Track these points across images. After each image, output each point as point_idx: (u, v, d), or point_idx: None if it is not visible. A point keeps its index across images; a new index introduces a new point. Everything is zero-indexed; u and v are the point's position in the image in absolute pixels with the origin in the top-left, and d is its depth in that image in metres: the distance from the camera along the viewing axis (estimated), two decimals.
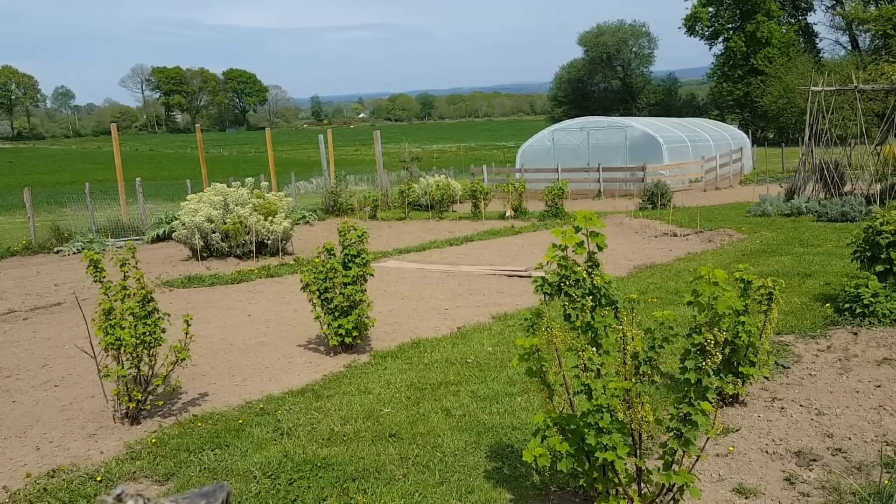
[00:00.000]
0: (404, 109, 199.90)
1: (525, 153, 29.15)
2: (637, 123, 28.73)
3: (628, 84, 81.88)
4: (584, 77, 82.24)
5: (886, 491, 3.98)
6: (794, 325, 7.64)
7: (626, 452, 3.70)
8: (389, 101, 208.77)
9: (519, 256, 13.22)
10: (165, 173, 53.05)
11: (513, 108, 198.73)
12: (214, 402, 6.31)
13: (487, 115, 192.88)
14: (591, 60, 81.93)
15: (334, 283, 7.28)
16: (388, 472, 4.74)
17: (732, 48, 60.17)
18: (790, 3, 62.53)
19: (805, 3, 63.03)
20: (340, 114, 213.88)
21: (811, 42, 62.90)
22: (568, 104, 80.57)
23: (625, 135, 27.27)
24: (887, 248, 7.81)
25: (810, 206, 16.84)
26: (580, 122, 29.72)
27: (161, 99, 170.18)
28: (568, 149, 27.81)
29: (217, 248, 14.15)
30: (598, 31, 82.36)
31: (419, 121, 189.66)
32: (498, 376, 6.51)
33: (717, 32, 62.64)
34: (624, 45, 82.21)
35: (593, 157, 26.89)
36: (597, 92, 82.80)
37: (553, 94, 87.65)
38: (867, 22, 54.61)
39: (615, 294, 3.98)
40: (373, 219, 20.14)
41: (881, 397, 5.66)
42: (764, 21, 58.37)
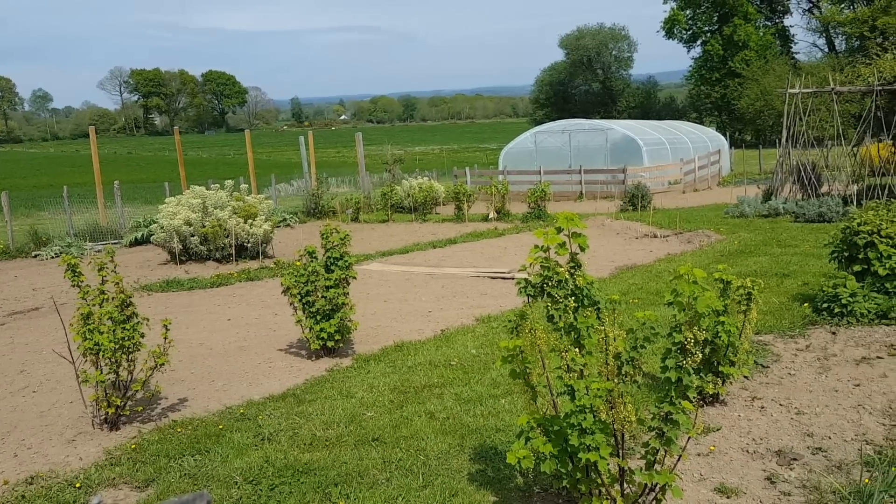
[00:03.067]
0: (386, 111, 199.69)
1: (508, 155, 29.23)
2: (617, 126, 28.92)
3: (608, 87, 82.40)
4: (565, 80, 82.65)
5: (867, 490, 4.02)
6: (772, 325, 7.70)
7: (609, 453, 3.70)
8: (371, 103, 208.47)
9: (502, 258, 13.24)
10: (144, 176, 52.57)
11: (495, 110, 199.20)
12: (194, 407, 6.25)
13: (470, 117, 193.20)
14: (571, 63, 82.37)
15: (316, 286, 7.24)
16: (370, 477, 4.72)
17: (710, 51, 60.80)
18: (767, 6, 63.28)
19: (782, 6, 63.82)
20: (321, 115, 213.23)
21: (788, 45, 63.70)
22: (549, 107, 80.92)
23: (605, 137, 27.43)
24: (864, 249, 7.90)
25: (788, 207, 17.02)
26: (562, 124, 29.87)
27: (139, 101, 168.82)
28: (550, 151, 27.92)
29: (196, 251, 14.03)
30: (579, 33, 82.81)
31: (401, 123, 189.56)
32: (482, 378, 6.50)
33: (695, 35, 63.26)
34: (604, 48, 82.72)
35: (575, 159, 27.01)
36: (578, 94, 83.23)
37: (535, 97, 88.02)
38: (843, 24, 55.34)
39: (597, 295, 3.99)
40: (355, 221, 20.08)
41: (860, 396, 5.72)
42: (741, 24, 59.03)
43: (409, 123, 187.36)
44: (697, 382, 3.67)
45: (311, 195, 21.45)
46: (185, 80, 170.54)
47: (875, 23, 50.94)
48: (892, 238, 7.78)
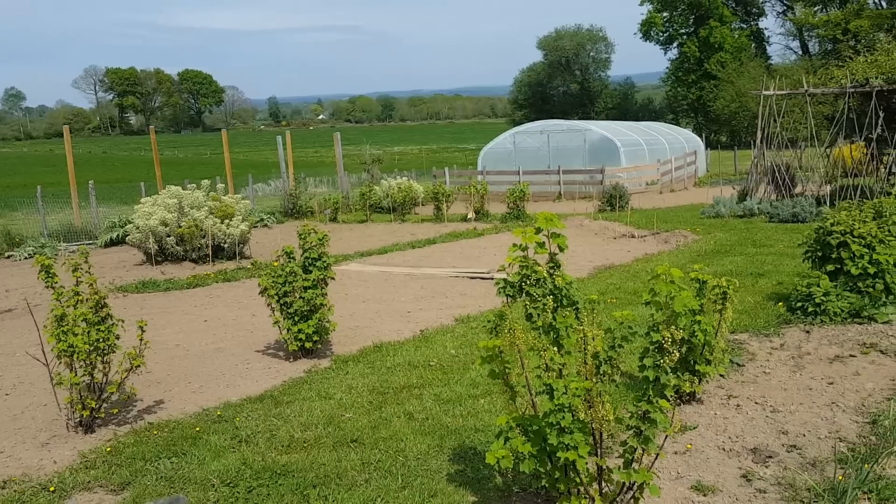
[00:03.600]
0: (365, 111, 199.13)
1: (487, 156, 29.28)
2: (595, 127, 29.09)
3: (587, 88, 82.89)
4: (543, 81, 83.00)
5: (840, 487, 4.08)
6: (748, 324, 7.79)
7: (588, 452, 3.72)
8: (349, 103, 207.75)
9: (481, 258, 13.26)
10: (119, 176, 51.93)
11: (474, 110, 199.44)
12: (171, 409, 6.19)
13: (449, 117, 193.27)
14: (550, 64, 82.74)
15: (294, 287, 7.19)
16: (349, 478, 4.70)
17: (686, 53, 61.38)
18: (742, 9, 64.03)
19: (756, 9, 64.63)
20: (299, 115, 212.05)
21: (762, 47, 64.53)
22: (528, 107, 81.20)
23: (584, 138, 27.58)
24: (838, 248, 8.02)
25: (762, 207, 17.23)
26: (540, 125, 29.98)
27: (115, 100, 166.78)
28: (529, 151, 28.02)
29: (172, 252, 13.89)
30: (557, 35, 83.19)
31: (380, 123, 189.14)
32: (461, 379, 6.50)
33: (672, 38, 63.83)
34: (582, 50, 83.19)
35: (553, 159, 27.13)
36: (556, 95, 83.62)
37: (514, 98, 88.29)
38: (816, 27, 56.18)
39: (576, 295, 4.01)
40: (333, 221, 20.00)
41: (834, 394, 5.81)
42: (717, 26, 59.67)
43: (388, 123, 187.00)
44: (674, 381, 3.70)
45: (289, 195, 21.33)
46: (162, 79, 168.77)
47: (847, 25, 51.75)
48: (864, 238, 7.90)
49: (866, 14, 52.18)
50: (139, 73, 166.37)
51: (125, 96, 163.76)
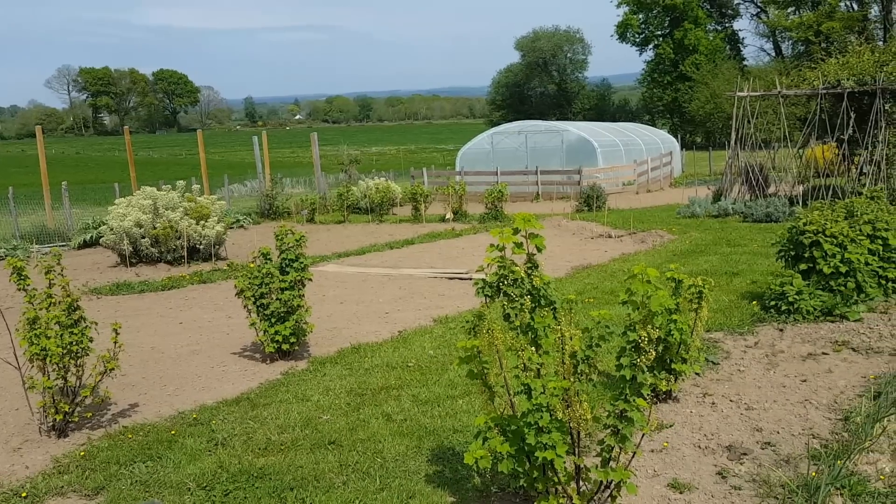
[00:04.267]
0: (342, 111, 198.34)
1: (465, 156, 29.31)
2: (573, 128, 29.25)
3: (564, 89, 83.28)
4: (521, 81, 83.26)
5: (814, 483, 4.14)
6: (722, 323, 7.87)
7: (566, 451, 3.74)
8: (326, 103, 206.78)
9: (460, 259, 13.27)
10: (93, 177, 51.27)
11: (452, 111, 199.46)
12: (145, 412, 6.12)
13: (427, 117, 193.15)
14: (527, 65, 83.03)
15: (271, 288, 7.14)
16: (327, 480, 4.68)
17: (662, 55, 61.91)
18: (717, 11, 64.73)
19: (731, 11, 65.38)
20: (275, 115, 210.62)
21: (737, 49, 65.27)
22: (506, 108, 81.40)
23: (561, 139, 27.70)
24: (810, 248, 8.14)
25: (737, 207, 17.43)
26: (518, 125, 30.07)
27: (88, 100, 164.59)
28: (507, 152, 28.09)
29: (147, 253, 13.74)
30: (535, 36, 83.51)
31: (357, 123, 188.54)
32: (439, 379, 6.50)
33: (648, 39, 64.33)
34: (559, 51, 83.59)
35: (531, 160, 27.22)
36: (534, 96, 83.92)
37: (491, 98, 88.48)
38: (790, 29, 56.97)
39: (554, 294, 4.02)
40: (311, 222, 19.89)
41: (807, 391, 5.89)
42: (691, 28, 60.25)
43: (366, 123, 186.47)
44: (651, 380, 3.72)
45: (266, 196, 21.18)
46: (136, 78, 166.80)
47: (820, 28, 52.56)
48: (836, 237, 8.02)
49: (838, 16, 53.04)
50: (113, 73, 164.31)
51: (99, 96, 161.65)
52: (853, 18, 53.79)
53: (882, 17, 54.96)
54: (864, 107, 17.71)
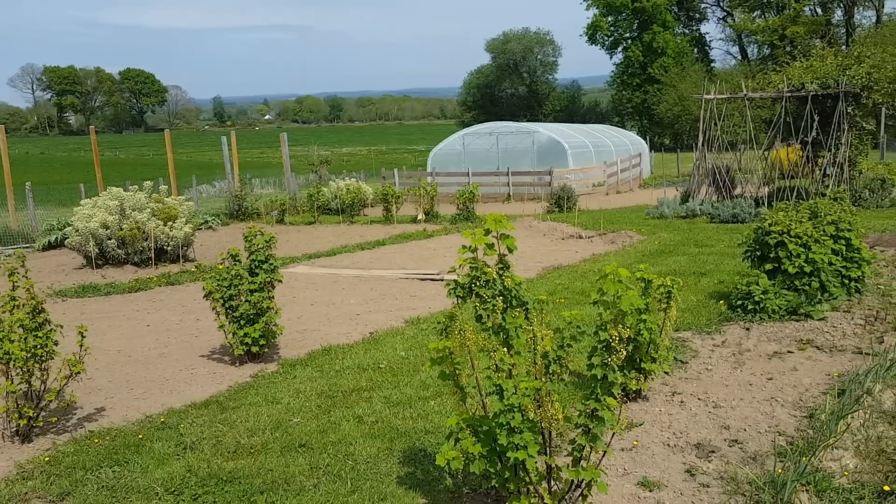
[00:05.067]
0: (312, 112, 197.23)
1: (436, 157, 29.32)
2: (543, 129, 29.41)
3: (534, 90, 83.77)
4: (492, 83, 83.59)
5: (780, 480, 4.20)
6: (691, 322, 7.97)
7: (537, 451, 3.75)
8: (296, 103, 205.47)
9: (431, 260, 13.26)
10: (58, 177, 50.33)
11: (423, 111, 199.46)
12: (112, 416, 6.02)
13: (398, 118, 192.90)
14: (498, 67, 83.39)
15: (240, 290, 7.07)
16: (297, 484, 4.64)
17: (631, 57, 62.61)
18: (684, 15, 65.63)
19: (698, 14, 66.34)
20: (245, 115, 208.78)
21: (704, 52, 66.26)
22: (477, 109, 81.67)
23: (532, 140, 27.85)
24: (775, 248, 8.27)
25: (704, 208, 17.67)
26: (489, 126, 30.16)
27: (53, 100, 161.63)
28: (478, 153, 28.15)
29: (113, 255, 13.53)
30: (505, 38, 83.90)
31: (328, 123, 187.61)
32: (411, 381, 6.49)
33: (617, 42, 65.01)
34: (530, 53, 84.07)
35: (502, 161, 27.32)
36: (504, 97, 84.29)
37: (463, 99, 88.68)
38: (755, 33, 57.98)
39: (525, 295, 4.04)
40: (280, 223, 19.74)
41: (773, 389, 5.98)
42: (660, 31, 61.02)
43: (336, 124, 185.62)
44: (622, 379, 3.75)
45: (234, 197, 20.97)
46: (102, 78, 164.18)
47: (785, 31, 53.57)
48: (800, 238, 8.17)
49: (802, 21, 54.12)
50: (79, 72, 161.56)
51: (64, 95, 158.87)
52: (817, 23, 54.93)
53: (845, 21, 56.22)
54: (827, 110, 18.07)
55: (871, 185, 17.73)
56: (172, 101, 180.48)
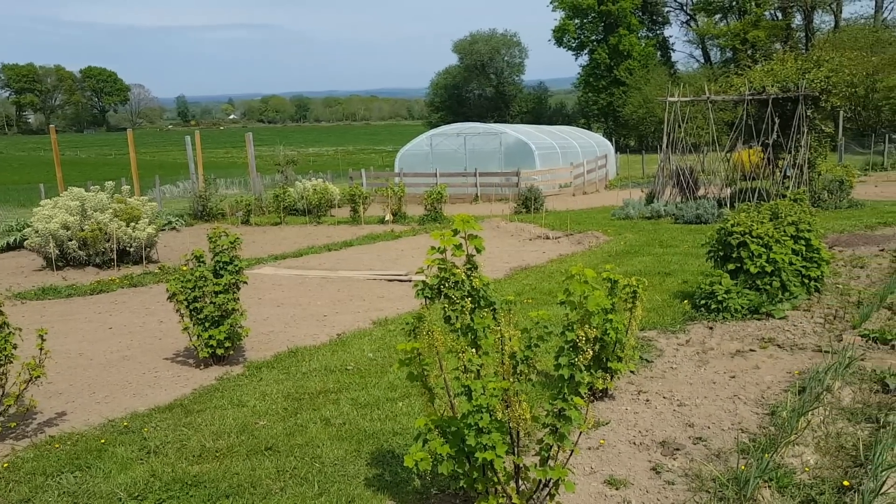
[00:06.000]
0: (278, 111, 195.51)
1: (404, 158, 29.26)
2: (511, 130, 29.54)
3: (502, 91, 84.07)
4: (459, 84, 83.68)
5: (743, 476, 4.27)
6: (656, 322, 8.07)
7: (505, 451, 3.76)
8: (262, 103, 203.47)
9: (399, 260, 13.24)
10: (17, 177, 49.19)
11: (391, 112, 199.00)
12: (73, 421, 5.90)
13: (365, 118, 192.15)
14: (466, 68, 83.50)
15: (204, 291, 6.98)
16: (264, 487, 4.59)
17: (597, 59, 63.15)
18: (648, 18, 66.41)
19: (662, 18, 67.18)
20: (209, 115, 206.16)
21: (667, 55, 67.13)
22: (445, 110, 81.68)
23: (500, 141, 27.95)
24: (737, 248, 8.42)
25: (668, 209, 17.91)
26: (457, 127, 30.18)
27: (11, 98, 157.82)
28: (446, 154, 28.17)
29: (74, 256, 13.26)
30: (472, 39, 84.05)
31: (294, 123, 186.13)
32: (379, 382, 6.47)
33: (583, 44, 65.52)
34: (497, 54, 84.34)
35: (470, 162, 27.37)
36: (472, 98, 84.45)
37: (430, 100, 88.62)
38: (718, 37, 58.95)
39: (493, 296, 4.05)
40: (246, 224, 19.53)
41: (735, 387, 6.08)
42: (625, 34, 61.66)
43: (303, 124, 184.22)
44: (588, 379, 3.78)
45: (199, 197, 20.69)
46: (63, 76, 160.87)
47: (746, 36, 54.55)
48: (762, 238, 8.33)
49: (763, 25, 55.17)
50: (38, 70, 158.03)
51: (23, 94, 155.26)
52: (777, 27, 56.04)
53: (804, 25, 57.44)
54: (787, 113, 18.44)
55: (830, 186, 18.14)
56: (135, 100, 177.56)
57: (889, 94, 39.06)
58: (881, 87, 40.24)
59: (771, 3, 55.69)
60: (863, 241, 12.91)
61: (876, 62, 40.83)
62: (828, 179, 18.36)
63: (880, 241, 12.81)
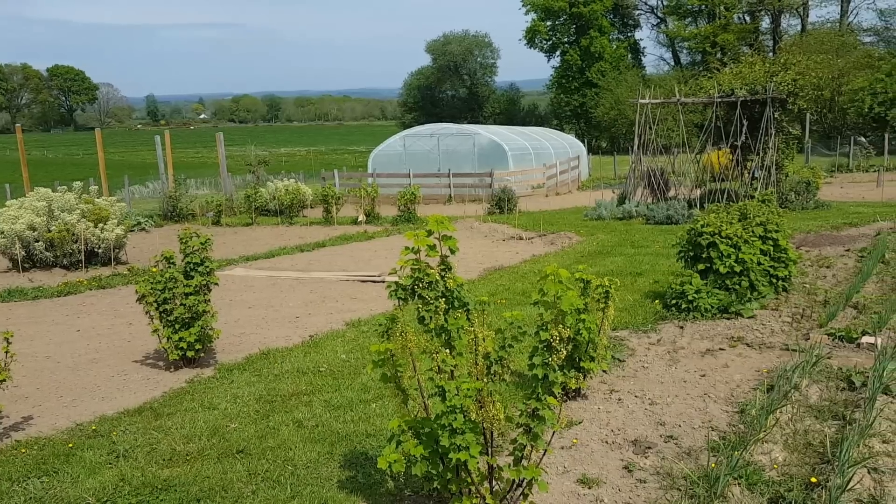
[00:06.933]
0: (249, 111, 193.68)
1: (377, 158, 29.18)
2: (484, 131, 29.61)
3: (475, 93, 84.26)
4: (432, 84, 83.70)
5: (713, 474, 4.32)
6: (628, 321, 8.14)
7: (479, 451, 3.76)
8: (233, 102, 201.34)
9: (372, 261, 13.19)
10: None
11: (364, 112, 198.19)
12: (40, 425, 5.78)
13: (338, 118, 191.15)
14: (439, 68, 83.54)
15: (174, 293, 6.89)
16: (235, 490, 4.55)
17: (569, 61, 63.56)
18: (620, 21, 67.02)
19: (633, 21, 67.84)
20: (179, 114, 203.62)
21: (639, 57, 67.81)
22: (418, 110, 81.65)
23: (473, 142, 28.01)
24: (707, 248, 8.53)
25: (640, 210, 18.09)
26: (430, 128, 30.18)
27: None
28: (419, 154, 28.15)
29: (41, 258, 13.02)
30: (445, 39, 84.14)
31: (266, 123, 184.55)
32: (352, 384, 6.44)
33: (555, 46, 65.91)
34: (469, 55, 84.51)
35: (444, 163, 27.38)
36: (445, 99, 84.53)
37: (403, 100, 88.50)
38: (688, 40, 59.71)
39: (467, 296, 4.05)
40: (217, 225, 19.33)
41: (706, 386, 6.16)
42: (597, 36, 62.16)
43: (274, 124, 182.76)
44: (562, 378, 3.80)
45: (169, 197, 20.43)
46: (29, 74, 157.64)
47: (716, 39, 55.33)
48: (731, 239, 8.44)
49: (732, 28, 56.02)
50: (4, 68, 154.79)
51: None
52: (746, 30, 56.92)
53: (772, 29, 58.42)
54: (755, 115, 18.73)
55: (797, 187, 18.45)
56: (104, 99, 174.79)
57: (854, 96, 39.85)
58: (846, 90, 41.06)
59: (740, 6, 56.58)
60: (829, 241, 13.15)
61: (841, 65, 41.69)
62: (795, 181, 18.68)
63: (846, 241, 13.06)
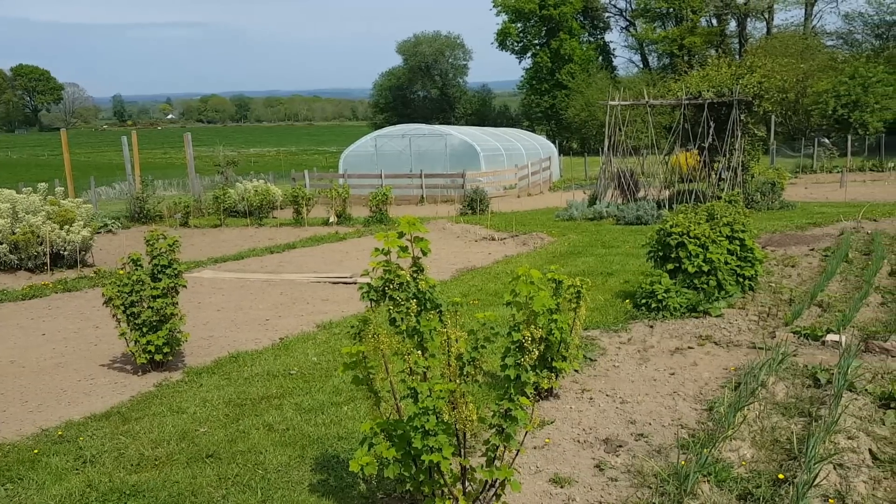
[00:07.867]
0: (217, 111, 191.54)
1: (348, 159, 29.06)
2: (456, 132, 29.65)
3: (446, 93, 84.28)
4: (404, 85, 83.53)
5: (683, 471, 4.37)
6: (599, 321, 8.20)
7: (452, 453, 3.76)
8: (201, 102, 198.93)
9: (344, 262, 13.13)
10: None
11: (334, 112, 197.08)
12: (4, 431, 5.66)
13: (308, 119, 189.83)
14: (410, 69, 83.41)
15: (142, 296, 6.79)
16: (205, 495, 4.49)
17: (540, 63, 63.89)
18: (590, 23, 67.56)
19: (602, 23, 68.42)
20: (146, 114, 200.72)
21: (608, 60, 68.39)
22: (389, 111, 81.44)
23: (445, 143, 28.02)
24: (676, 248, 8.63)
25: (610, 210, 18.24)
26: (402, 129, 30.13)
27: None
28: (391, 155, 28.09)
29: (5, 261, 12.74)
30: (417, 40, 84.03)
31: (234, 123, 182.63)
32: (323, 386, 6.39)
33: (526, 48, 66.20)
34: (441, 56, 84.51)
35: (415, 163, 27.36)
36: (417, 100, 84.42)
37: (375, 101, 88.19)
38: (656, 42, 60.38)
39: (439, 298, 4.05)
40: (185, 226, 19.08)
41: (675, 384, 6.23)
42: (567, 39, 62.56)
43: (243, 124, 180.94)
44: (534, 378, 3.81)
45: (136, 199, 20.12)
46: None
47: (683, 42, 56.04)
48: (699, 239, 8.55)
49: (699, 32, 56.81)
50: None
51: None
52: (712, 34, 57.75)
53: (738, 32, 59.35)
54: (722, 117, 18.99)
55: (763, 188, 18.75)
56: (69, 100, 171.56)
57: (818, 99, 40.61)
58: (811, 92, 41.83)
59: (706, 10, 57.36)
60: (794, 240, 13.39)
61: (805, 68, 42.47)
62: (760, 182, 18.98)
63: (810, 240, 13.30)
